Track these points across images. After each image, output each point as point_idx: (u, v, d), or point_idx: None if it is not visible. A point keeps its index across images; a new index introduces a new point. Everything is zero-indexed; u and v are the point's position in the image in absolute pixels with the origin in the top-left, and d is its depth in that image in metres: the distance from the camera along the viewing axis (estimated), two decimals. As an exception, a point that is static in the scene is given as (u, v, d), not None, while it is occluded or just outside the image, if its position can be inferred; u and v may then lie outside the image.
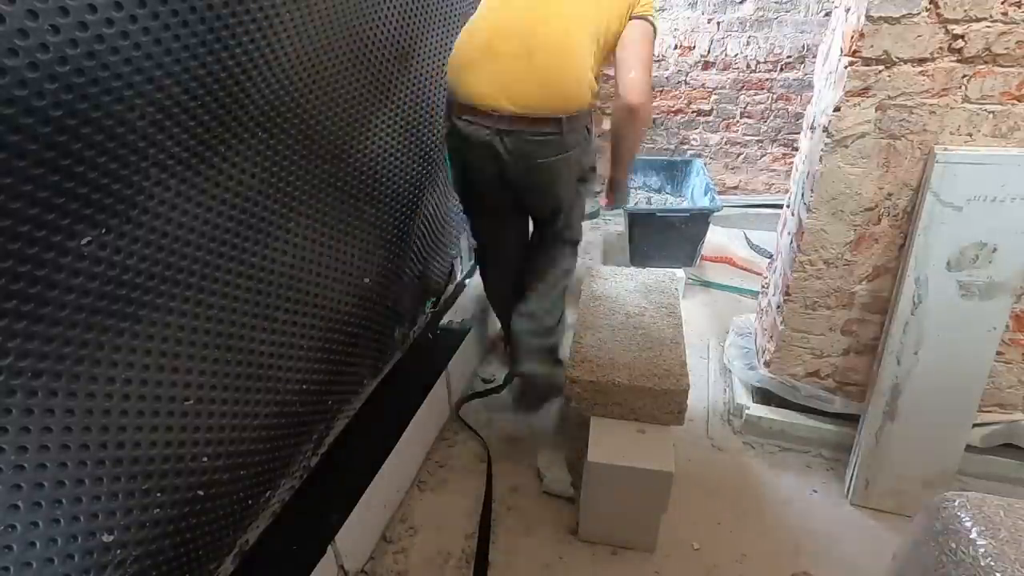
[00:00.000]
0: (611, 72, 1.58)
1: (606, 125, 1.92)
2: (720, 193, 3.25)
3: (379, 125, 1.51)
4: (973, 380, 1.44)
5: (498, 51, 1.44)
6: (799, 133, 2.42)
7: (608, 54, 1.55)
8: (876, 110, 1.36)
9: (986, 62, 1.27)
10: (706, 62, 3.12)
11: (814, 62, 2.86)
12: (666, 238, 2.48)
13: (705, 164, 3.02)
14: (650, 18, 1.55)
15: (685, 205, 2.87)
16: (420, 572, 1.45)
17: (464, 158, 1.59)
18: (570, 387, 1.51)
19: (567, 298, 1.82)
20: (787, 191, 1.88)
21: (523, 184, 1.56)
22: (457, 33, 1.58)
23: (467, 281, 2.26)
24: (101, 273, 0.83)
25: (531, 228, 1.83)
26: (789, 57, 3.00)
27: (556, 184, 1.57)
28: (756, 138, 3.25)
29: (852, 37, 1.34)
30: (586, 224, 2.62)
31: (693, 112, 3.26)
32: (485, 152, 1.50)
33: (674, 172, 3.05)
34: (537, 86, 1.43)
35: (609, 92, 1.79)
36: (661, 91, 3.22)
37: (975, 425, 1.51)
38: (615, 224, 3.26)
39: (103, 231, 0.82)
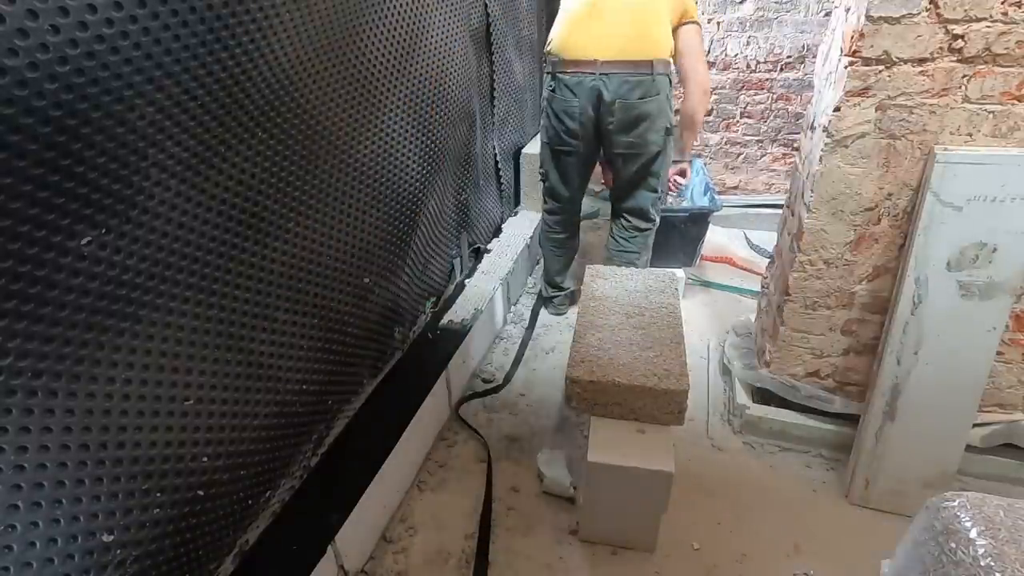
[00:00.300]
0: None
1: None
2: (720, 193, 3.25)
3: (379, 125, 1.51)
4: (973, 380, 1.44)
5: (600, 14, 1.89)
6: (799, 133, 2.42)
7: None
8: (876, 110, 1.36)
9: (986, 62, 1.27)
10: (706, 62, 3.11)
11: (814, 62, 2.86)
12: (666, 238, 2.48)
13: (705, 164, 3.02)
14: (697, 20, 1.98)
15: (685, 205, 2.87)
16: (420, 572, 1.45)
17: (567, 108, 1.97)
18: (570, 387, 1.51)
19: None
20: (787, 191, 1.88)
21: (622, 123, 1.92)
22: (457, 33, 1.61)
23: (467, 281, 2.26)
24: (101, 273, 0.83)
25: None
26: (789, 57, 3.00)
27: (648, 123, 1.93)
28: (756, 138, 3.24)
29: (852, 37, 1.34)
30: (586, 224, 2.64)
31: (693, 112, 3.26)
32: (590, 95, 1.91)
33: (674, 172, 3.04)
34: (630, 36, 1.85)
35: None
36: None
37: (975, 425, 1.51)
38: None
39: (103, 231, 0.82)
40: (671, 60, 1.93)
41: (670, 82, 1.95)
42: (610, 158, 2.09)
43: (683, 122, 2.08)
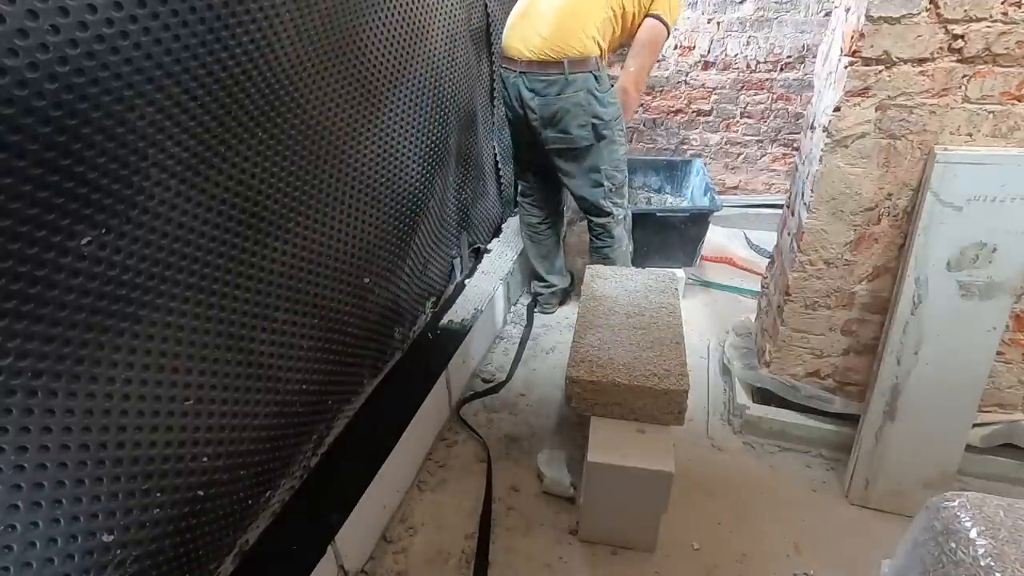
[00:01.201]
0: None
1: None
2: (720, 193, 3.25)
3: (379, 125, 1.51)
4: (973, 380, 1.44)
5: (528, 14, 1.94)
6: (799, 133, 2.42)
7: (625, 26, 1.96)
8: (876, 110, 1.36)
9: (986, 62, 1.27)
10: (706, 62, 3.12)
11: (814, 62, 2.86)
12: (666, 238, 2.48)
13: (705, 164, 3.02)
14: (663, 17, 1.94)
15: (685, 205, 2.87)
16: (420, 572, 1.45)
17: (505, 99, 2.08)
18: (570, 387, 1.51)
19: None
20: (787, 191, 1.88)
21: (543, 119, 1.97)
22: (457, 33, 1.61)
23: (467, 281, 2.26)
24: (101, 273, 0.83)
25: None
26: (789, 57, 3.00)
27: (569, 118, 1.94)
28: (756, 138, 3.24)
29: (852, 37, 1.34)
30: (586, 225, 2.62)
31: (693, 112, 3.26)
32: (515, 91, 1.98)
33: (674, 172, 3.05)
34: (546, 36, 1.88)
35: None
36: (661, 91, 3.22)
37: (975, 425, 1.51)
38: (615, 224, 3.25)
39: (103, 231, 0.82)
40: (597, 56, 1.89)
41: (596, 78, 1.90)
42: (548, 156, 2.09)
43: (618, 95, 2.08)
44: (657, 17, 1.92)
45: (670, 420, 1.47)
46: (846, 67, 1.35)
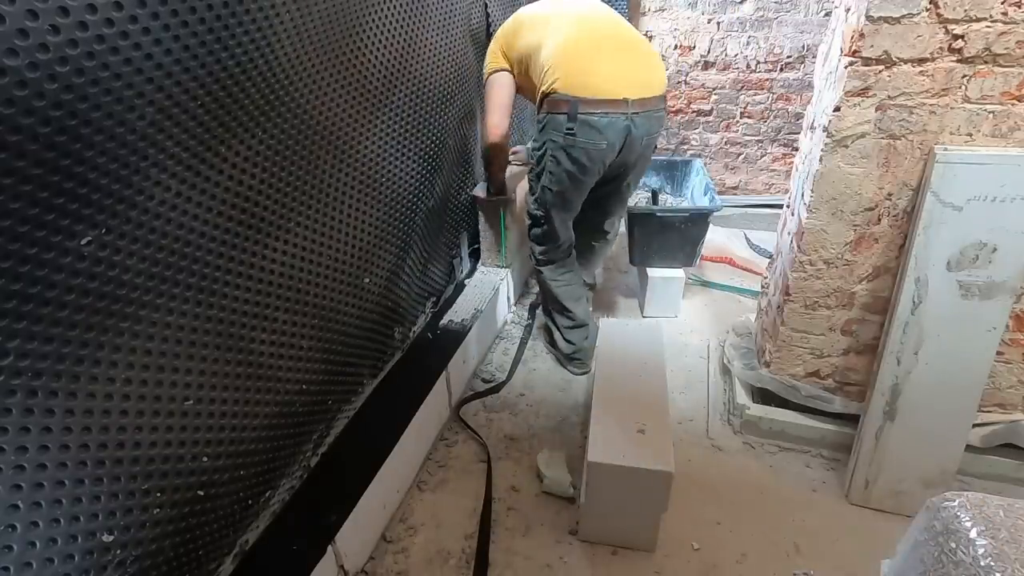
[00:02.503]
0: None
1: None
2: (720, 193, 3.25)
3: (379, 125, 1.51)
4: (973, 380, 1.44)
5: (606, 51, 1.78)
6: (799, 133, 2.42)
7: None
8: (876, 110, 1.36)
9: (986, 62, 1.27)
10: (706, 62, 3.12)
11: (814, 62, 2.86)
12: (666, 238, 2.48)
13: (705, 164, 3.02)
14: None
15: (685, 205, 2.86)
16: (420, 572, 1.45)
17: (590, 150, 1.79)
18: None
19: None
20: (787, 191, 1.88)
21: (638, 157, 1.89)
22: (457, 33, 1.59)
23: (467, 281, 2.26)
24: (101, 273, 0.83)
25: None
26: (789, 57, 3.00)
27: (652, 151, 1.95)
28: (756, 138, 3.25)
29: (852, 37, 1.34)
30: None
31: (693, 112, 3.26)
32: (621, 135, 1.78)
33: (674, 172, 3.04)
34: (648, 67, 1.81)
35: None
36: (661, 91, 3.22)
37: (975, 425, 1.51)
38: (615, 224, 3.25)
39: (103, 231, 0.82)
40: None
41: None
42: (606, 187, 2.00)
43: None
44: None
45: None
46: (846, 67, 1.35)
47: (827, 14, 2.82)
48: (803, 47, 2.96)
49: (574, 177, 1.86)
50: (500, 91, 1.96)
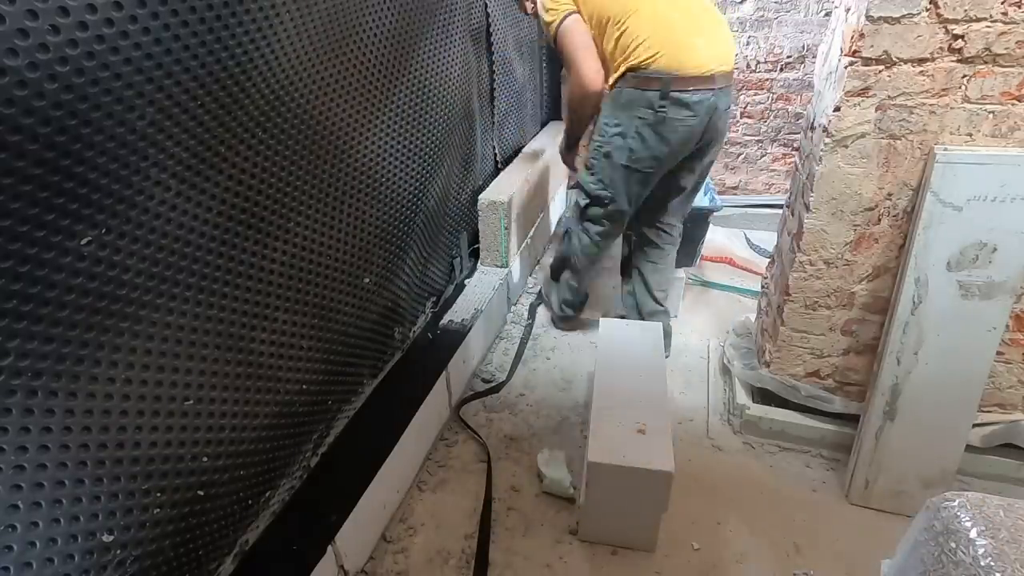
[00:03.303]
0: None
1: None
2: (720, 193, 3.25)
3: (379, 125, 1.51)
4: (973, 380, 1.44)
5: (698, 26, 1.72)
6: (799, 133, 2.42)
7: None
8: (876, 110, 1.36)
9: (986, 62, 1.27)
10: (706, 62, 3.11)
11: (814, 62, 2.86)
12: (666, 238, 2.47)
13: (705, 164, 3.01)
14: None
15: (685, 205, 2.86)
16: (420, 572, 1.45)
17: (679, 128, 1.75)
18: None
19: None
20: (787, 191, 1.88)
21: (717, 134, 1.83)
22: (457, 33, 1.59)
23: (467, 281, 2.26)
24: (101, 273, 0.83)
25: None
26: (789, 57, 3.00)
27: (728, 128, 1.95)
28: (756, 138, 3.24)
29: (852, 37, 1.34)
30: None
31: (693, 112, 3.26)
32: (708, 112, 1.73)
33: (674, 172, 3.04)
34: (726, 46, 1.75)
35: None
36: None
37: (975, 425, 1.51)
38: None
39: (103, 231, 0.82)
40: None
41: None
42: (681, 171, 1.95)
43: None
44: None
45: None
46: (846, 67, 1.35)
47: (827, 14, 2.82)
48: (803, 47, 2.96)
49: (653, 156, 1.81)
50: (582, 35, 1.82)
